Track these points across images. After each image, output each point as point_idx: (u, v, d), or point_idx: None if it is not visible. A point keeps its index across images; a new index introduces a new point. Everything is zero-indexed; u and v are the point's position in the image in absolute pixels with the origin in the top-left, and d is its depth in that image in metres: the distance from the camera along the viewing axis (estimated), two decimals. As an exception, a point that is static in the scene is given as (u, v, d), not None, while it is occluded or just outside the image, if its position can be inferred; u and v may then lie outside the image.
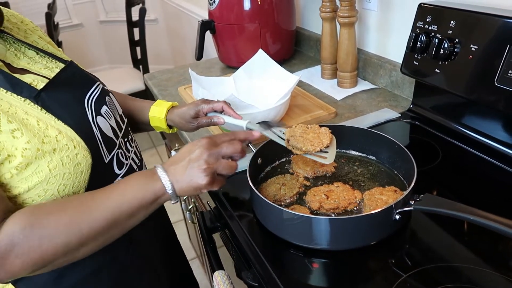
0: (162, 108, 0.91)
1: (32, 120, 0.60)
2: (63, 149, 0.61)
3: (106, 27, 3.88)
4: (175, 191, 0.63)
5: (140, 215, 0.63)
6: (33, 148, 0.58)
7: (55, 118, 0.63)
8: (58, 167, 0.61)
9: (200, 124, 0.89)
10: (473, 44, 0.87)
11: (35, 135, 0.59)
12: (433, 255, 0.67)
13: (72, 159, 0.62)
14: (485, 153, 0.90)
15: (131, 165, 0.78)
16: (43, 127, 0.61)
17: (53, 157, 0.60)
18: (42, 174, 0.60)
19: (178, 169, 0.63)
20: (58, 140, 0.61)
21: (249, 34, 1.46)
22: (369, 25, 1.30)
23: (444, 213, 0.63)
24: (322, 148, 0.77)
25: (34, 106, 0.62)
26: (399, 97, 1.21)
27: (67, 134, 0.63)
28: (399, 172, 0.84)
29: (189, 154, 0.64)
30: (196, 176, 0.63)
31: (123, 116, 0.82)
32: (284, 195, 0.79)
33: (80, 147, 0.63)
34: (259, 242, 0.74)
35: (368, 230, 0.68)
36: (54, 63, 0.71)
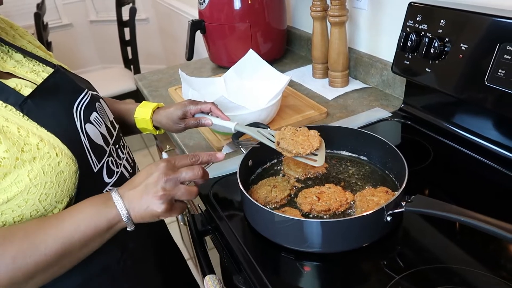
0: (147, 109, 0.89)
1: (13, 128, 0.58)
2: (44, 157, 0.59)
3: (96, 27, 3.85)
4: (131, 218, 0.60)
5: (94, 244, 0.60)
6: (11, 157, 0.56)
7: (37, 125, 0.60)
8: (39, 176, 0.58)
9: (188, 125, 0.88)
10: (463, 43, 0.87)
11: (15, 144, 0.57)
12: (426, 256, 0.67)
13: (54, 168, 0.59)
14: (476, 152, 0.90)
15: (122, 173, 0.76)
16: (23, 135, 0.58)
17: (33, 166, 0.58)
18: (22, 184, 0.57)
19: (135, 195, 0.60)
20: (39, 148, 0.59)
21: (239, 33, 1.45)
22: (360, 24, 1.30)
23: (435, 214, 0.62)
24: (312, 151, 0.78)
25: (16, 113, 0.59)
26: (390, 96, 1.21)
27: (50, 141, 0.60)
28: (390, 173, 0.83)
29: (146, 178, 0.60)
30: (152, 203, 0.59)
31: (114, 122, 0.80)
32: (275, 197, 0.78)
33: (63, 155, 0.61)
34: (250, 246, 0.73)
35: (359, 232, 0.68)
36: (41, 67, 0.69)
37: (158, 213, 0.60)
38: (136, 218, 0.60)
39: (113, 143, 0.75)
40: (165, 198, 0.60)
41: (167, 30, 3.34)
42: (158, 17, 3.50)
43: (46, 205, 0.61)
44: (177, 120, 0.87)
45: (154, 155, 3.00)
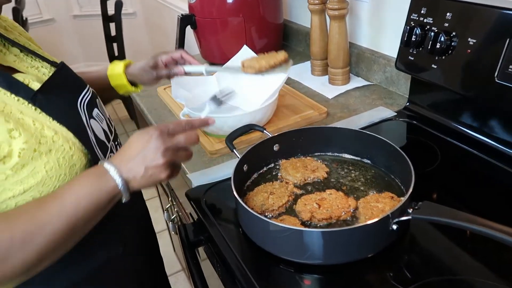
0: (118, 65, 0.96)
1: (28, 120, 0.61)
2: (59, 150, 0.63)
3: (80, 22, 3.83)
4: (129, 188, 0.62)
5: (97, 217, 0.63)
6: (30, 149, 0.59)
7: (50, 118, 0.64)
8: (54, 168, 0.62)
9: (160, 75, 0.97)
10: (471, 38, 0.87)
11: (32, 135, 0.60)
12: (436, 266, 0.66)
13: (68, 160, 0.63)
14: (486, 154, 0.90)
15: None
16: (39, 127, 0.62)
17: (49, 158, 0.61)
18: (39, 175, 0.60)
19: (134, 165, 0.62)
20: (54, 141, 0.63)
21: (232, 28, 1.44)
22: (361, 18, 1.29)
23: (445, 222, 0.62)
24: (276, 62, 0.85)
25: (28, 106, 0.63)
26: (394, 94, 1.20)
27: (63, 134, 0.64)
28: (396, 177, 0.83)
29: (143, 148, 0.62)
30: (155, 172, 0.63)
31: (110, 119, 0.83)
32: (273, 205, 0.78)
33: (76, 148, 0.65)
34: (245, 257, 0.72)
35: (363, 242, 0.67)
36: (39, 62, 0.72)
37: (162, 179, 0.64)
38: (138, 186, 0.63)
39: (113, 139, 0.79)
40: (167, 165, 0.63)
41: (156, 25, 3.33)
42: (146, 11, 3.49)
43: None
44: (149, 70, 0.96)
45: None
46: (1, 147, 0.57)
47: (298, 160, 0.89)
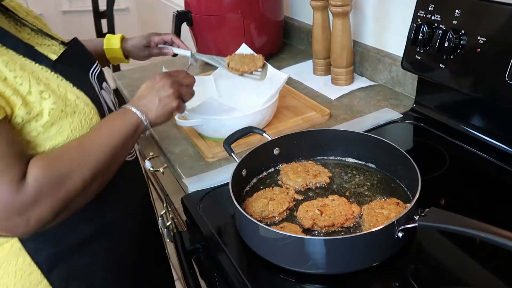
0: (115, 40, 1.13)
1: (54, 85, 0.72)
2: (81, 112, 0.74)
3: (69, 18, 3.83)
4: (150, 120, 0.78)
5: (129, 145, 0.78)
6: (58, 109, 0.71)
7: (71, 85, 0.75)
8: (78, 128, 0.73)
9: (151, 53, 1.16)
10: (480, 36, 0.87)
11: (59, 98, 0.72)
12: (443, 276, 0.67)
13: (88, 122, 0.75)
14: (497, 158, 0.90)
15: None
16: (63, 92, 0.73)
17: (73, 118, 0.73)
18: (65, 134, 0.72)
19: (148, 100, 0.79)
20: (77, 104, 0.74)
21: (231, 25, 1.45)
22: (366, 15, 1.30)
23: (453, 230, 0.62)
24: (256, 69, 1.04)
25: (51, 74, 0.74)
26: (400, 95, 1.21)
27: (83, 99, 0.76)
28: (402, 182, 0.83)
29: (153, 87, 0.80)
30: (168, 100, 0.80)
31: (115, 96, 0.95)
32: (273, 212, 0.78)
33: (94, 112, 0.77)
34: (244, 266, 0.72)
35: (368, 251, 0.68)
36: (49, 41, 0.82)
37: (173, 108, 0.81)
38: (155, 118, 0.79)
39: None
40: (176, 95, 0.81)
41: (149, 22, 3.33)
42: (139, 7, 3.50)
43: None
44: (142, 48, 1.14)
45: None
46: (34, 106, 0.68)
47: (299, 165, 0.90)
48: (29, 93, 0.68)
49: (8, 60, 0.68)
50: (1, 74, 0.66)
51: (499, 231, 0.58)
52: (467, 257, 0.70)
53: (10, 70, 0.67)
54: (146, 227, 1.03)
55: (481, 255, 0.70)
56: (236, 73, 1.04)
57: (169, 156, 1.05)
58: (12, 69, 0.67)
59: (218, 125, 1.02)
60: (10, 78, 0.66)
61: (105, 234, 0.86)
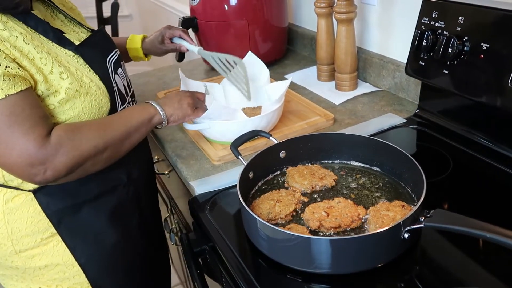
0: (137, 40, 1.28)
1: (72, 69, 0.84)
2: (93, 94, 0.86)
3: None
4: (166, 114, 0.93)
5: (143, 130, 0.90)
6: (73, 89, 0.83)
7: (88, 69, 0.88)
8: (88, 107, 0.85)
9: (167, 49, 1.29)
10: (484, 42, 0.89)
11: (76, 79, 0.84)
12: (448, 277, 0.68)
13: (98, 103, 0.87)
14: (500, 162, 0.91)
15: None
16: (80, 75, 0.85)
17: (86, 98, 0.85)
18: (76, 110, 0.84)
19: (169, 100, 0.96)
20: (90, 87, 0.86)
21: (236, 32, 1.46)
22: (370, 22, 1.32)
23: (458, 230, 0.63)
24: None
25: (73, 59, 0.86)
26: (404, 101, 1.23)
27: (96, 83, 0.87)
28: (406, 185, 0.85)
29: (176, 95, 0.98)
30: (186, 106, 0.97)
31: (130, 81, 1.06)
32: (279, 213, 0.79)
33: (104, 95, 0.89)
34: (252, 267, 0.73)
35: (374, 251, 0.69)
36: (79, 28, 0.96)
37: (189, 113, 0.98)
38: (169, 114, 0.94)
39: (131, 95, 1.03)
40: (193, 104, 0.99)
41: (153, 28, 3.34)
42: (143, 13, 3.53)
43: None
44: (158, 45, 1.28)
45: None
46: (54, 84, 0.80)
47: (305, 168, 0.91)
48: (51, 73, 0.80)
49: (38, 44, 0.81)
50: (30, 55, 0.78)
51: (504, 231, 0.59)
52: (471, 259, 0.71)
53: (37, 52, 0.80)
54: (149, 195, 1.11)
55: (483, 258, 0.71)
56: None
57: (176, 159, 1.07)
58: (39, 51, 0.80)
59: (224, 129, 1.03)
60: (37, 59, 0.79)
61: (111, 193, 0.96)
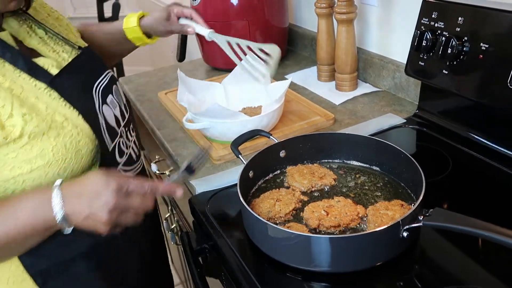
0: (132, 18, 1.06)
1: (41, 106, 0.70)
2: (67, 135, 0.71)
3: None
4: (69, 223, 0.65)
5: (32, 240, 0.69)
6: (40, 132, 0.69)
7: (63, 104, 0.73)
8: (61, 151, 0.71)
9: (172, 29, 1.08)
10: (483, 43, 0.89)
11: (44, 120, 0.69)
12: (446, 276, 0.68)
13: (74, 145, 0.72)
14: (499, 162, 0.92)
15: (130, 154, 0.89)
16: (51, 113, 0.71)
17: (57, 141, 0.70)
18: (46, 157, 0.69)
19: (80, 205, 0.65)
20: (63, 126, 0.71)
21: (236, 32, 1.47)
22: (370, 22, 1.32)
23: (457, 229, 0.64)
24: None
25: (44, 92, 0.72)
26: (404, 101, 1.23)
27: (73, 121, 0.73)
28: (405, 184, 0.85)
29: (95, 193, 0.64)
30: (97, 224, 0.65)
31: (127, 105, 0.93)
32: (279, 212, 0.80)
33: (83, 135, 0.73)
34: (252, 265, 0.74)
35: (373, 250, 0.69)
36: (61, 46, 0.81)
37: (100, 232, 0.66)
38: (76, 224, 0.66)
39: (124, 125, 0.88)
40: (108, 223, 0.65)
41: (154, 28, 3.35)
42: (144, 13, 3.52)
43: (63, 178, 0.70)
44: (163, 22, 1.06)
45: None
46: (15, 129, 0.66)
47: (305, 167, 0.92)
48: (10, 116, 0.66)
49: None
50: None
51: (502, 230, 0.60)
52: (470, 258, 0.71)
53: None
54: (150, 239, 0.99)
55: (483, 256, 0.71)
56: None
57: (176, 159, 1.07)
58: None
59: (224, 128, 1.04)
60: None
61: (103, 248, 0.82)
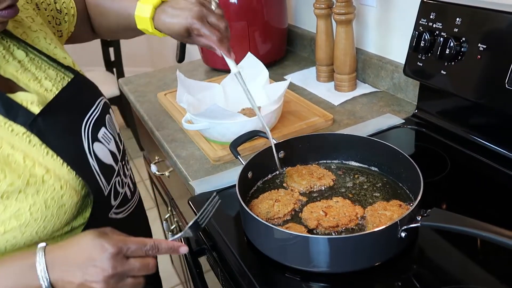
0: (147, 7, 0.80)
1: (18, 157, 0.60)
2: (48, 191, 0.62)
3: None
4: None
5: None
6: (15, 191, 0.59)
7: (44, 153, 0.63)
8: (40, 210, 0.61)
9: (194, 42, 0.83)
10: (481, 43, 0.90)
11: (20, 176, 0.60)
12: (444, 276, 0.68)
13: (57, 201, 0.62)
14: (497, 162, 0.92)
15: (125, 193, 0.80)
16: (29, 165, 0.61)
17: (36, 199, 0.61)
18: (22, 217, 0.60)
19: (70, 273, 0.57)
20: (44, 181, 0.62)
21: (236, 33, 1.47)
22: (368, 23, 1.33)
23: (454, 229, 0.64)
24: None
25: (22, 138, 0.62)
26: (402, 101, 1.23)
27: (55, 172, 0.63)
28: (404, 185, 0.85)
29: (90, 260, 0.56)
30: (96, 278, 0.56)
31: (120, 134, 0.82)
32: (278, 213, 0.80)
33: (67, 188, 0.64)
34: (250, 266, 0.74)
35: (371, 250, 0.69)
36: (43, 72, 0.70)
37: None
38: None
39: (121, 159, 0.78)
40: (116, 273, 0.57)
41: (154, 29, 3.36)
42: (144, 14, 3.52)
43: (42, 236, 0.63)
44: (181, 38, 0.81)
45: (140, 167, 3.01)
46: None
47: (303, 168, 0.92)
48: None
49: None
50: None
51: (500, 230, 0.60)
52: (468, 258, 0.71)
53: None
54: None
55: (481, 256, 0.71)
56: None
57: (176, 160, 1.07)
58: None
59: (223, 129, 1.04)
60: None
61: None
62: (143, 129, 1.46)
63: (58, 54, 0.76)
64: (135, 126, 2.19)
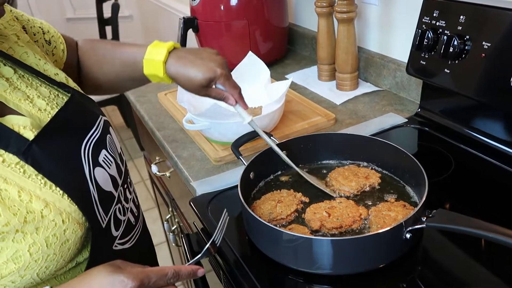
0: (161, 50, 0.77)
1: (13, 192, 0.55)
2: (48, 227, 0.56)
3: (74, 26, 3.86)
4: None
5: None
6: (11, 231, 0.54)
7: (41, 184, 0.57)
8: (41, 249, 0.56)
9: (207, 94, 0.82)
10: (485, 41, 0.89)
11: (16, 214, 0.54)
12: (450, 278, 0.68)
13: (59, 238, 0.57)
14: (502, 161, 0.91)
15: (128, 220, 0.75)
16: (25, 200, 0.55)
17: (35, 238, 0.55)
18: (21, 260, 0.55)
19: None
20: (43, 216, 0.56)
21: (236, 32, 1.46)
22: (370, 21, 1.32)
23: (460, 230, 0.63)
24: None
25: (15, 169, 0.56)
26: (405, 100, 1.22)
27: (56, 205, 0.57)
28: (408, 185, 0.84)
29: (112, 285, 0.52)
30: None
31: (122, 154, 0.78)
32: (281, 214, 0.79)
33: (70, 221, 0.58)
34: (253, 267, 0.73)
35: (375, 252, 0.68)
36: (35, 89, 0.64)
37: None
38: None
39: (122, 183, 0.73)
40: None
41: (153, 29, 3.37)
42: (143, 14, 3.53)
43: (44, 277, 0.59)
44: (198, 88, 0.79)
45: (140, 167, 3.00)
46: None
47: (344, 169, 0.89)
48: None
49: None
50: None
51: (506, 231, 0.59)
52: (474, 260, 0.71)
53: None
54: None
55: (487, 258, 0.71)
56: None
57: (177, 160, 1.07)
58: None
59: (225, 129, 1.03)
60: None
61: None
62: (143, 129, 1.45)
63: (49, 70, 0.70)
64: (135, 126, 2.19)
